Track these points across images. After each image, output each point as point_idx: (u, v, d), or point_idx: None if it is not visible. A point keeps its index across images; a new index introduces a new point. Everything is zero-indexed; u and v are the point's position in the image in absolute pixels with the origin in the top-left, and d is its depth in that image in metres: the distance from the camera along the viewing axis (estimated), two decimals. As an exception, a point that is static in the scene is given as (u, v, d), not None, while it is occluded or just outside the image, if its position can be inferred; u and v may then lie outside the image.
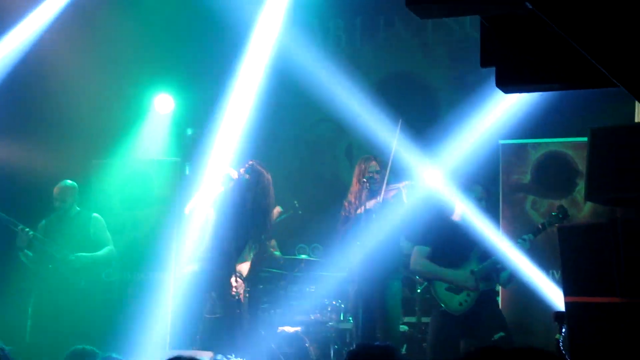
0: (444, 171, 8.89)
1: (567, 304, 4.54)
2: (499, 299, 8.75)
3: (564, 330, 4.95)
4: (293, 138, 10.38)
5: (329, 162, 10.66)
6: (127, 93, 10.94)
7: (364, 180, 8.03)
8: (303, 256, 10.00)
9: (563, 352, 4.96)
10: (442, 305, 7.72)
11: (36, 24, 9.84)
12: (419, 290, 9.56)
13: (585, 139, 4.46)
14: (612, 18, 2.94)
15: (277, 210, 8.88)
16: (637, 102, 4.63)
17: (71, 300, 8.95)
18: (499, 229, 8.83)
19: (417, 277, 9.60)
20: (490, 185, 8.81)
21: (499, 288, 8.62)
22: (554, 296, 8.02)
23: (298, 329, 9.52)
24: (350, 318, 8.96)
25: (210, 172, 9.39)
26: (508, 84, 3.59)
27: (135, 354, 6.43)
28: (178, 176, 10.51)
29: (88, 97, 10.41)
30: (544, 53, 3.45)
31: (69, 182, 9.28)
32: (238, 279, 8.46)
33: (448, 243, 7.80)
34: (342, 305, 9.53)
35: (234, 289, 8.39)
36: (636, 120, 4.82)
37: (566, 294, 4.55)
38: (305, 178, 10.46)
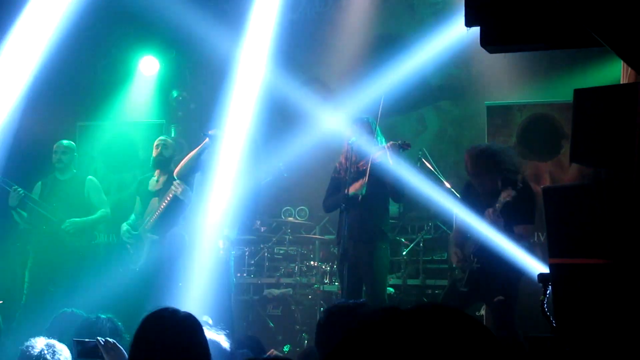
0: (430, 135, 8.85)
1: (551, 265, 4.54)
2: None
3: (548, 292, 4.95)
4: (278, 100, 10.31)
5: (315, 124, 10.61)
6: (112, 55, 10.87)
7: (350, 142, 8.01)
8: (289, 219, 9.99)
9: (547, 313, 4.97)
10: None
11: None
12: (404, 253, 9.58)
13: (571, 100, 4.44)
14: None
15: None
16: (622, 63, 4.61)
17: (65, 263, 8.98)
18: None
19: (403, 240, 9.61)
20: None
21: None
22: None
23: (284, 291, 9.56)
24: (336, 281, 8.98)
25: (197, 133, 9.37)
26: (493, 44, 3.56)
27: (124, 316, 6.44)
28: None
29: (73, 59, 10.32)
30: (529, 13, 3.42)
31: (67, 141, 9.30)
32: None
33: None
34: (328, 268, 9.56)
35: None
36: (621, 81, 4.80)
37: (551, 255, 4.55)
38: (290, 140, 10.41)
